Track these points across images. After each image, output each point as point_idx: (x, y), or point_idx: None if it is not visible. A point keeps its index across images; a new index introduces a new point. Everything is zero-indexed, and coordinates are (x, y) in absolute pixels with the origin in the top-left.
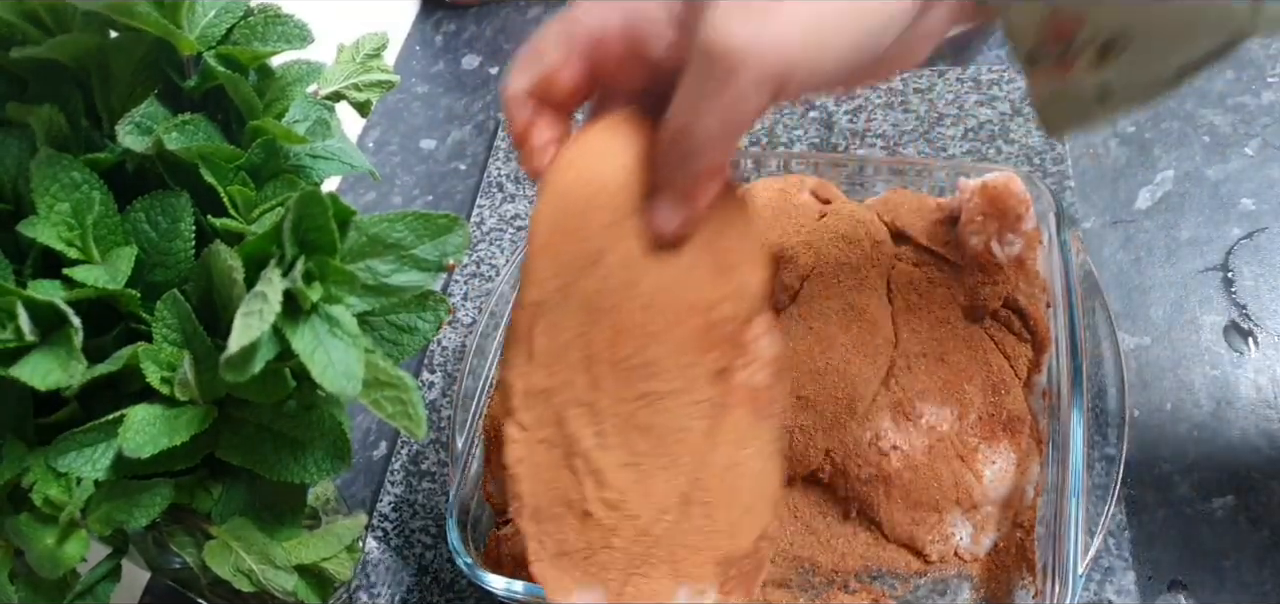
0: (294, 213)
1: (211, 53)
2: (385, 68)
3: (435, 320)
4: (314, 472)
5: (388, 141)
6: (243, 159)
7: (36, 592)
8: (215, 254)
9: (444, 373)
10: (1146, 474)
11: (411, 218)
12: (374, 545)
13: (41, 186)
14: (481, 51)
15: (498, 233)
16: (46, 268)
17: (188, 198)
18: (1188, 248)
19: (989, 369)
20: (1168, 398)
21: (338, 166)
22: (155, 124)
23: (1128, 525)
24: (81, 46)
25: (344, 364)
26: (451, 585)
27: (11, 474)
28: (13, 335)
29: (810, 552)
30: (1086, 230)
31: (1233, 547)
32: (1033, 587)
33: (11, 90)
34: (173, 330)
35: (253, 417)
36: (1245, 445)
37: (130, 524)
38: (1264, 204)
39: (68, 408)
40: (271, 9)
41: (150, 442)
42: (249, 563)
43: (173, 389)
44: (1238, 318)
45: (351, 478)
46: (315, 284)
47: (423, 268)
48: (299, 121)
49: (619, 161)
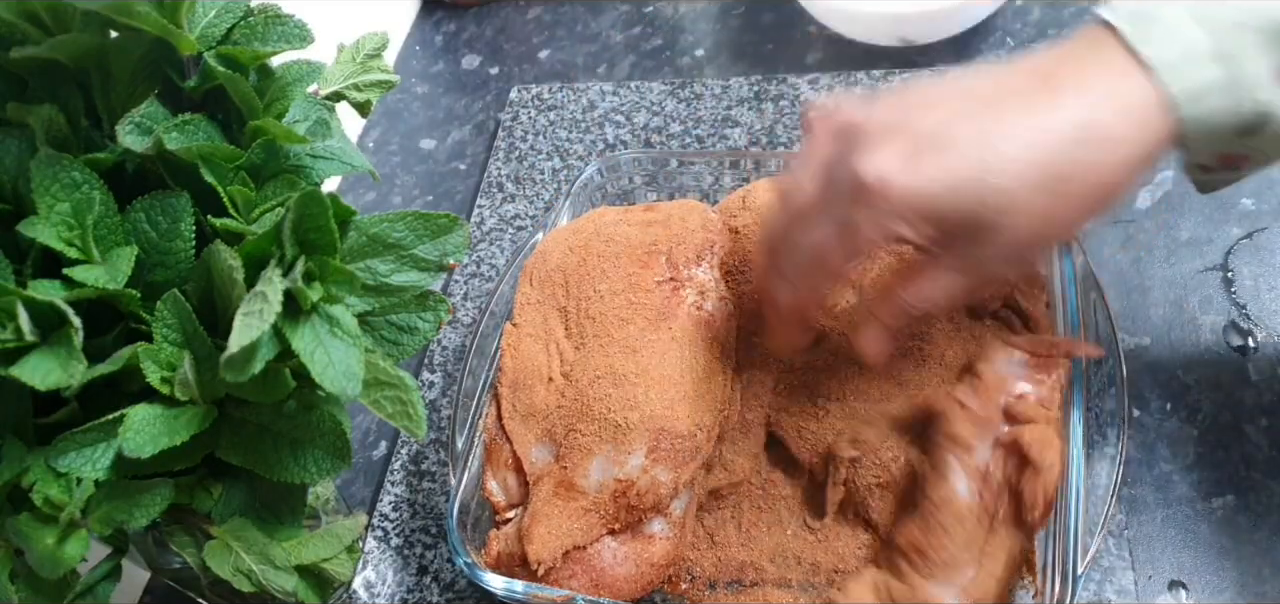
0: (294, 213)
1: (211, 53)
2: (385, 68)
3: (435, 320)
4: (314, 472)
5: (388, 141)
6: (243, 159)
7: (36, 592)
8: (215, 254)
9: (444, 373)
10: (1146, 474)
11: (411, 218)
12: (374, 545)
13: (41, 186)
14: (481, 51)
15: (498, 233)
16: (46, 268)
17: (188, 198)
18: (1187, 248)
19: None
20: (1167, 397)
21: (338, 166)
22: (155, 124)
23: (1128, 525)
24: (81, 46)
25: (344, 364)
26: (451, 585)
27: (11, 474)
28: (13, 335)
29: (810, 552)
30: (1086, 230)
31: (1233, 547)
32: (1033, 587)
33: (11, 90)
34: (173, 330)
35: (253, 417)
36: (1245, 445)
37: (130, 524)
38: (1263, 204)
39: (68, 408)
40: (271, 9)
41: (150, 442)
42: (249, 563)
43: (173, 389)
44: (1238, 318)
45: (351, 478)
46: (315, 284)
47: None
48: (299, 121)
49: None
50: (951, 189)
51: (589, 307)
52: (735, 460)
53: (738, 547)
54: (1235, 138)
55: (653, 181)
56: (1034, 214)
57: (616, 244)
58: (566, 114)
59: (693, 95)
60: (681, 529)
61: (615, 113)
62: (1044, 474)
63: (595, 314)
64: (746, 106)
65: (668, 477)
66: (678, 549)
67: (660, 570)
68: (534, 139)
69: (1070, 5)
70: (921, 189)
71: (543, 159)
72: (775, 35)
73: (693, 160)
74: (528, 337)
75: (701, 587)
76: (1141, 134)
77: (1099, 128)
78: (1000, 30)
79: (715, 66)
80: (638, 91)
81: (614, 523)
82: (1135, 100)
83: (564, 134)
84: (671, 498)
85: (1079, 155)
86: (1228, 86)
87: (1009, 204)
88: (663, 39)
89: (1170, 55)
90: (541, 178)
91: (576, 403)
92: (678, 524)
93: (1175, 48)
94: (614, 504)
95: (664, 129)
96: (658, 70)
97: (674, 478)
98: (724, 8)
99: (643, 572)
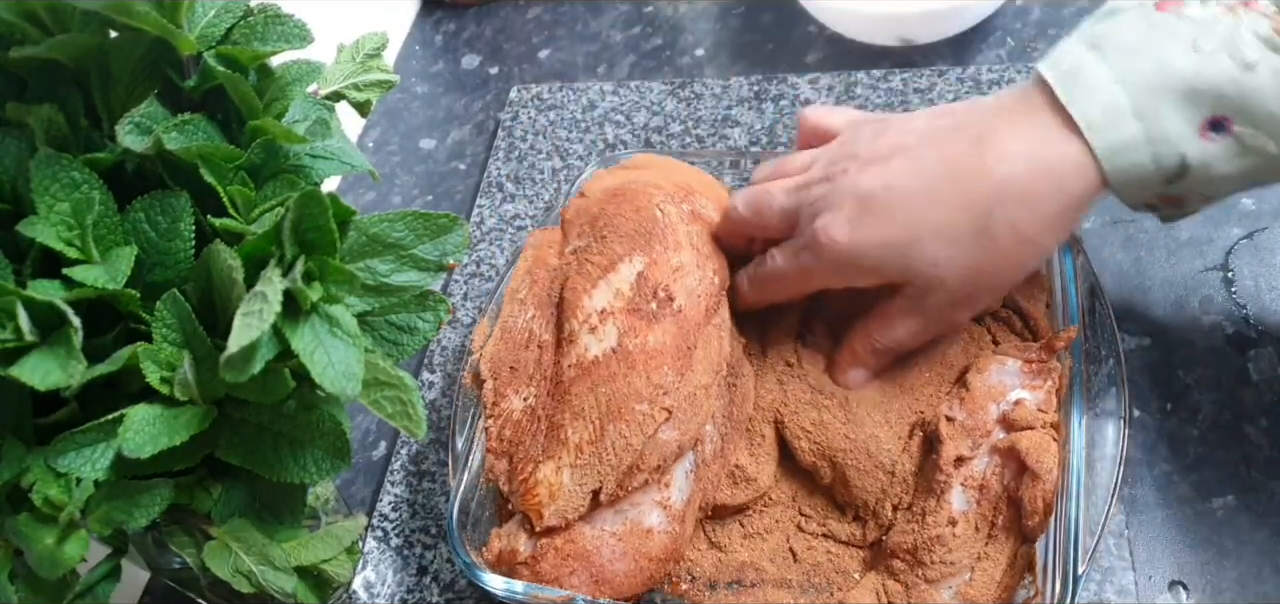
0: (294, 213)
1: (211, 53)
2: (385, 68)
3: (435, 320)
4: (314, 472)
5: (388, 141)
6: (243, 159)
7: (36, 592)
8: (215, 254)
9: (444, 373)
10: (1146, 474)
11: (411, 218)
12: (374, 545)
13: (41, 186)
14: (481, 51)
15: (498, 233)
16: (46, 268)
17: (188, 198)
18: (1188, 248)
19: None
20: (1168, 398)
21: (337, 166)
22: (155, 124)
23: (1128, 525)
24: (81, 46)
25: (344, 364)
26: (451, 585)
27: (11, 474)
28: (13, 335)
29: (811, 553)
30: (1086, 230)
31: (1233, 547)
32: (1033, 587)
33: (11, 90)
34: (173, 330)
35: (253, 417)
36: (1245, 445)
37: (130, 524)
38: (1264, 204)
39: (67, 408)
40: (271, 9)
41: (150, 442)
42: (248, 563)
43: (173, 389)
44: (1238, 318)
45: (351, 478)
46: (315, 284)
47: (422, 268)
48: (299, 121)
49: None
50: (885, 249)
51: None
52: (757, 476)
53: (738, 547)
54: (1162, 185)
55: None
56: (962, 270)
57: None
58: (566, 114)
59: (693, 95)
60: (682, 524)
61: (615, 113)
62: (1042, 480)
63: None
64: (746, 106)
65: (672, 435)
66: (677, 544)
67: (659, 565)
68: (534, 139)
69: (1070, 5)
70: (861, 250)
71: (543, 159)
72: (775, 35)
73: (692, 160)
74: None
75: (702, 587)
76: (1062, 192)
77: (1022, 188)
78: (1000, 30)
79: (715, 66)
80: (638, 91)
81: (618, 481)
82: (1057, 159)
83: (564, 134)
84: (675, 459)
85: (1002, 214)
86: (1146, 142)
87: (938, 262)
88: (663, 39)
89: (1094, 114)
90: (541, 178)
91: (548, 382)
92: (677, 518)
93: (1097, 107)
94: (618, 458)
95: (664, 129)
96: (658, 70)
97: (678, 437)
98: (724, 8)
99: (641, 566)
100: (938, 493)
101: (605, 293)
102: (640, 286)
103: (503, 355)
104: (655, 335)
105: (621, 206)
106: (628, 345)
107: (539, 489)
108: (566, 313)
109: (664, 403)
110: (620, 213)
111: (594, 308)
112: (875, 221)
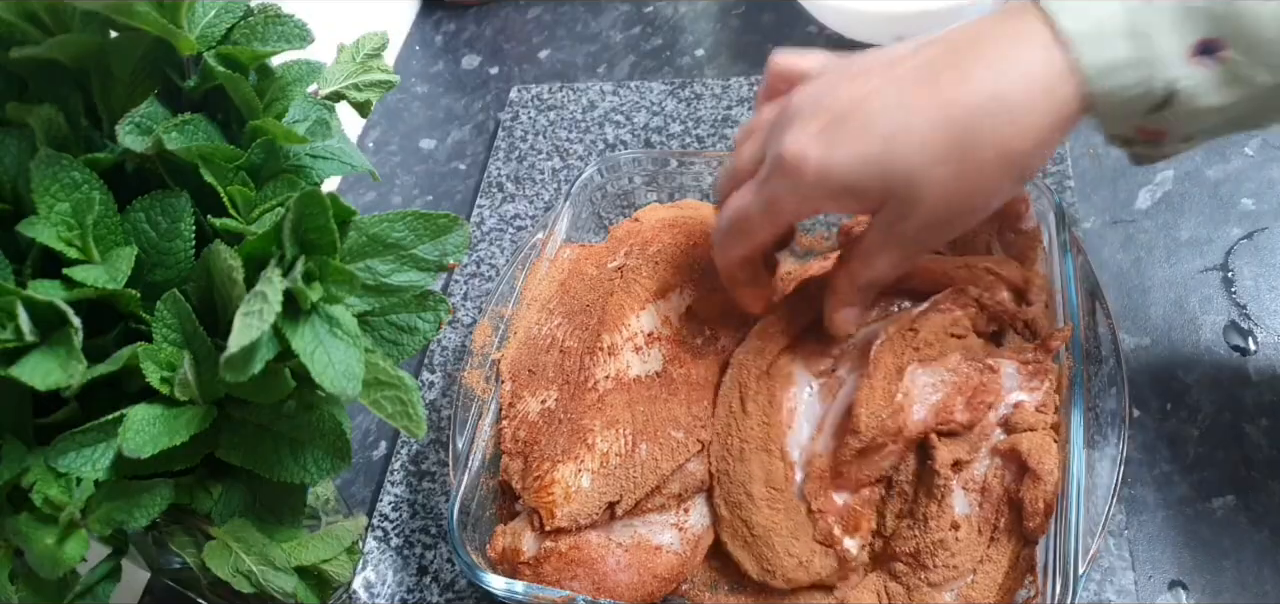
0: (294, 213)
1: (211, 53)
2: (385, 68)
3: (435, 320)
4: (314, 472)
5: (388, 141)
6: (243, 159)
7: (36, 592)
8: (215, 254)
9: (444, 373)
10: (1146, 474)
11: (411, 218)
12: (374, 546)
13: (41, 186)
14: (481, 51)
15: (498, 233)
16: (46, 268)
17: (188, 198)
18: (1188, 248)
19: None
20: (1168, 398)
21: (338, 166)
22: (155, 124)
23: (1128, 525)
24: (81, 46)
25: (344, 364)
26: (451, 585)
27: (11, 474)
28: (13, 335)
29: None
30: (1086, 230)
31: (1233, 547)
32: (1033, 587)
33: (11, 90)
34: (173, 330)
35: (253, 417)
36: (1245, 445)
37: (130, 524)
38: (1264, 204)
39: (68, 408)
40: (271, 9)
41: (150, 442)
42: (248, 563)
43: (173, 389)
44: (1238, 318)
45: (351, 478)
46: (315, 284)
47: (423, 268)
48: (299, 121)
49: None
50: (861, 164)
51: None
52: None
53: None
54: (1147, 112)
55: (653, 182)
56: (941, 184)
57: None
58: (566, 114)
59: (693, 95)
60: (694, 550)
61: (615, 113)
62: (1043, 481)
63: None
64: (746, 106)
65: (700, 468)
66: (684, 568)
67: (664, 585)
68: (534, 139)
69: None
70: (834, 165)
71: (543, 159)
72: (775, 35)
73: (692, 160)
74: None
75: (702, 587)
76: (1048, 103)
77: (1005, 98)
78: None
79: (715, 66)
80: (638, 91)
81: (637, 499)
82: (1045, 70)
83: (564, 134)
84: (697, 491)
85: (984, 125)
86: (1138, 63)
87: (915, 176)
88: (663, 39)
89: (1084, 27)
90: (541, 178)
91: (562, 385)
92: (690, 543)
93: (1089, 21)
94: (644, 477)
95: (664, 129)
96: (658, 70)
97: (705, 470)
98: (724, 8)
99: (645, 581)
100: (939, 497)
101: (653, 316)
102: (689, 319)
103: (522, 359)
104: (699, 370)
105: (677, 237)
106: (672, 373)
107: (555, 488)
108: (608, 325)
109: (699, 435)
110: (676, 243)
111: (641, 328)
112: (849, 135)
